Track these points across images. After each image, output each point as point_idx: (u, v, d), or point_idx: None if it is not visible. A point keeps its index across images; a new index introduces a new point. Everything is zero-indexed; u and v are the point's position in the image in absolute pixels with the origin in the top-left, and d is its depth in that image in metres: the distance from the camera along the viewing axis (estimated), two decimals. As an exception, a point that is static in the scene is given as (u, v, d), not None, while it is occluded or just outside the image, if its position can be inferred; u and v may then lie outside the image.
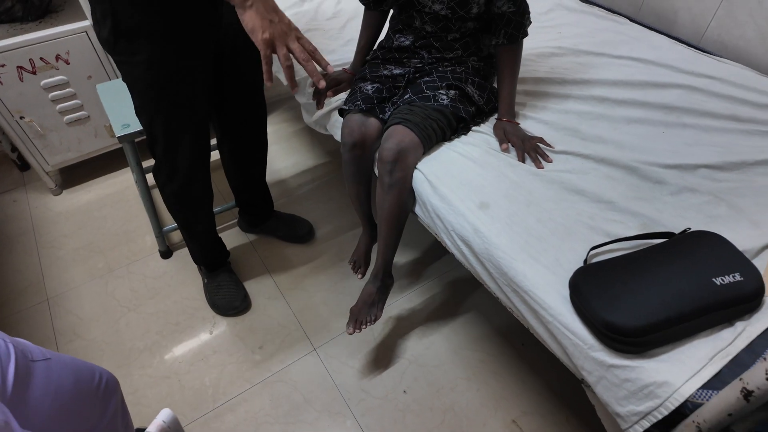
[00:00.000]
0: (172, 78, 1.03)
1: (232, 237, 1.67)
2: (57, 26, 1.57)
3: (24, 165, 1.96)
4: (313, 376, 1.34)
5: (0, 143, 1.87)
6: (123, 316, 1.48)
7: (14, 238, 1.70)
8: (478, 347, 1.39)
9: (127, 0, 0.91)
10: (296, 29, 0.88)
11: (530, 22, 1.14)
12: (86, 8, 1.57)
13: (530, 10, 1.12)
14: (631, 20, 1.53)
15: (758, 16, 1.31)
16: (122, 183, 1.90)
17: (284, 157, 2.00)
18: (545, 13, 1.58)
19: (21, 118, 1.61)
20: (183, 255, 1.64)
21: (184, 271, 1.59)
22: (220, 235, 1.51)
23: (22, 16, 1.58)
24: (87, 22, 1.59)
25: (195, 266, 1.58)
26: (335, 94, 1.29)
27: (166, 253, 1.63)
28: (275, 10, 0.86)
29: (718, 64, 1.33)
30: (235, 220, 1.73)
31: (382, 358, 1.38)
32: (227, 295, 1.48)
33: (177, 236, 1.70)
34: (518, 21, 1.10)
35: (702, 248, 0.81)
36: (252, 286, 1.55)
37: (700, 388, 0.70)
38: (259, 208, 1.62)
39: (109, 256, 1.64)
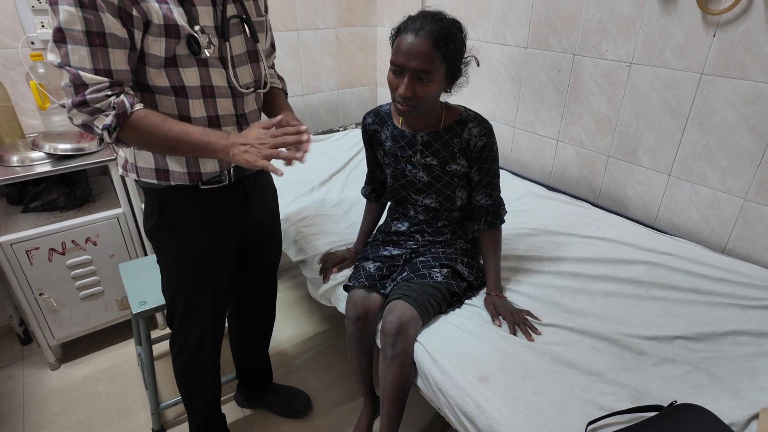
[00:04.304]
0: (199, 263, 1.17)
1: (227, 412, 1.63)
2: (93, 213, 1.77)
3: (27, 339, 1.98)
4: None
5: (11, 318, 1.92)
6: None
7: (2, 419, 1.63)
8: None
9: (173, 201, 1.10)
10: (263, 137, 0.95)
11: (506, 212, 1.35)
12: (122, 197, 1.80)
13: (504, 196, 1.34)
14: (592, 205, 1.79)
15: (697, 203, 1.56)
16: (121, 356, 1.91)
17: (284, 325, 2.07)
18: (517, 199, 1.85)
19: (40, 294, 1.71)
20: (175, 434, 1.58)
21: (174, 453, 1.52)
22: (218, 411, 1.48)
23: (64, 206, 1.80)
24: (119, 210, 1.80)
25: (187, 447, 1.51)
26: (340, 270, 1.44)
27: (159, 432, 1.57)
28: (245, 140, 0.95)
29: (673, 241, 1.53)
30: (232, 394, 1.71)
31: None
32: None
33: (171, 413, 1.65)
34: (495, 211, 1.31)
35: (693, 424, 0.86)
36: (245, 470, 1.47)
37: None
38: (258, 380, 1.63)
39: (97, 436, 1.57)
